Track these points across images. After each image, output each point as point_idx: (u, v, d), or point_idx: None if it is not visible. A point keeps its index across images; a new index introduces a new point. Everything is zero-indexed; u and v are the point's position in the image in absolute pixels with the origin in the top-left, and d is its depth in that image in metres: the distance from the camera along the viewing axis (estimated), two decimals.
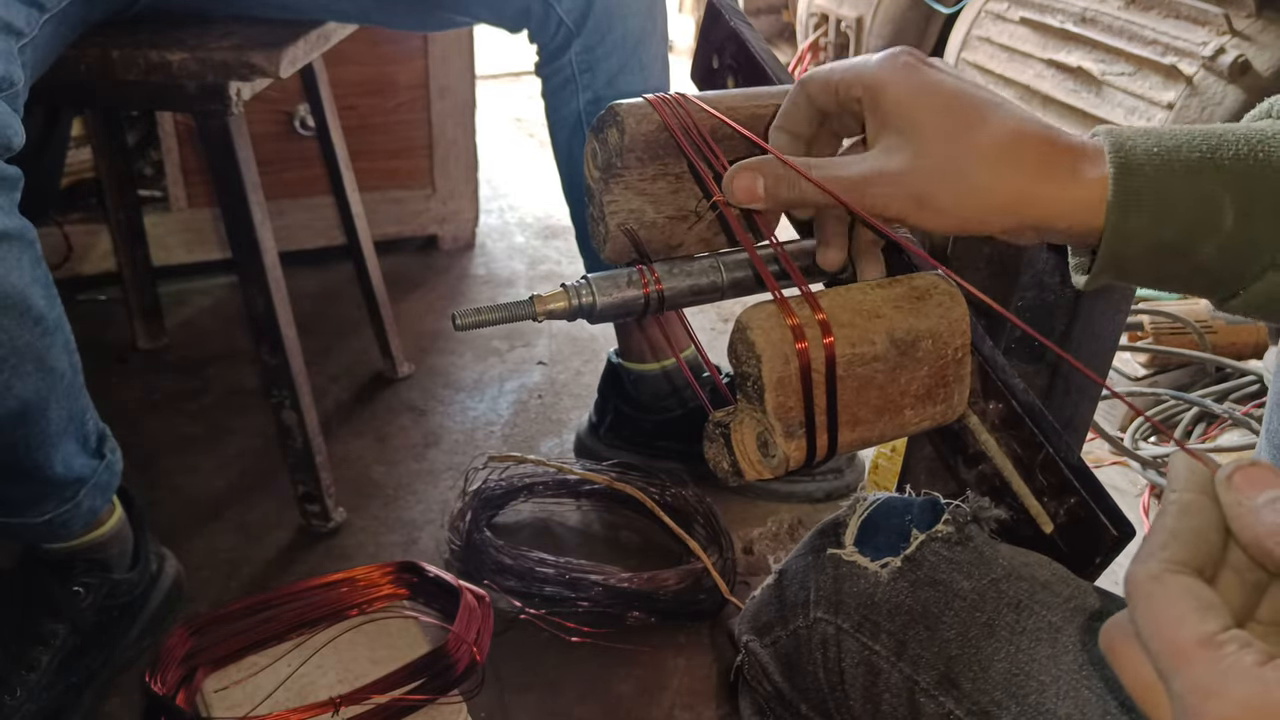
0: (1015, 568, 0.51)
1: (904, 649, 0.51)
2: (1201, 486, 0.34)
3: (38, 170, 1.56)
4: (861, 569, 0.54)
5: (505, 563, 1.12)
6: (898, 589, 0.52)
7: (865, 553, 0.54)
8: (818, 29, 2.46)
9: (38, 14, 0.85)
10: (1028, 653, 0.48)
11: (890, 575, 0.53)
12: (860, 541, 0.55)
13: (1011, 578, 0.50)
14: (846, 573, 0.54)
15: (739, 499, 1.30)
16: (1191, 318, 1.43)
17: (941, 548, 0.52)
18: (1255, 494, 0.32)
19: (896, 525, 0.54)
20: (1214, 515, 0.33)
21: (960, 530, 0.52)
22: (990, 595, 0.50)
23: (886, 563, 0.53)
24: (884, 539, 0.54)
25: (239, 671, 0.95)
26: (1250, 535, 0.32)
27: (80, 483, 0.93)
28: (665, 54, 1.19)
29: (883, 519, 0.55)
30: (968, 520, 0.53)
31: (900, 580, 0.52)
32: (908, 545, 0.53)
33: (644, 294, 0.52)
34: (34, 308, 0.80)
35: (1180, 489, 0.34)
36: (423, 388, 1.54)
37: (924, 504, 0.55)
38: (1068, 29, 1.89)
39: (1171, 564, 0.32)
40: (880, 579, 0.53)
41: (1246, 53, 1.62)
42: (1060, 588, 0.49)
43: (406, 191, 1.87)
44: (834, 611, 0.54)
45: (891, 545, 0.54)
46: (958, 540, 0.52)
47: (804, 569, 0.57)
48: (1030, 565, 0.51)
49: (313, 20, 1.15)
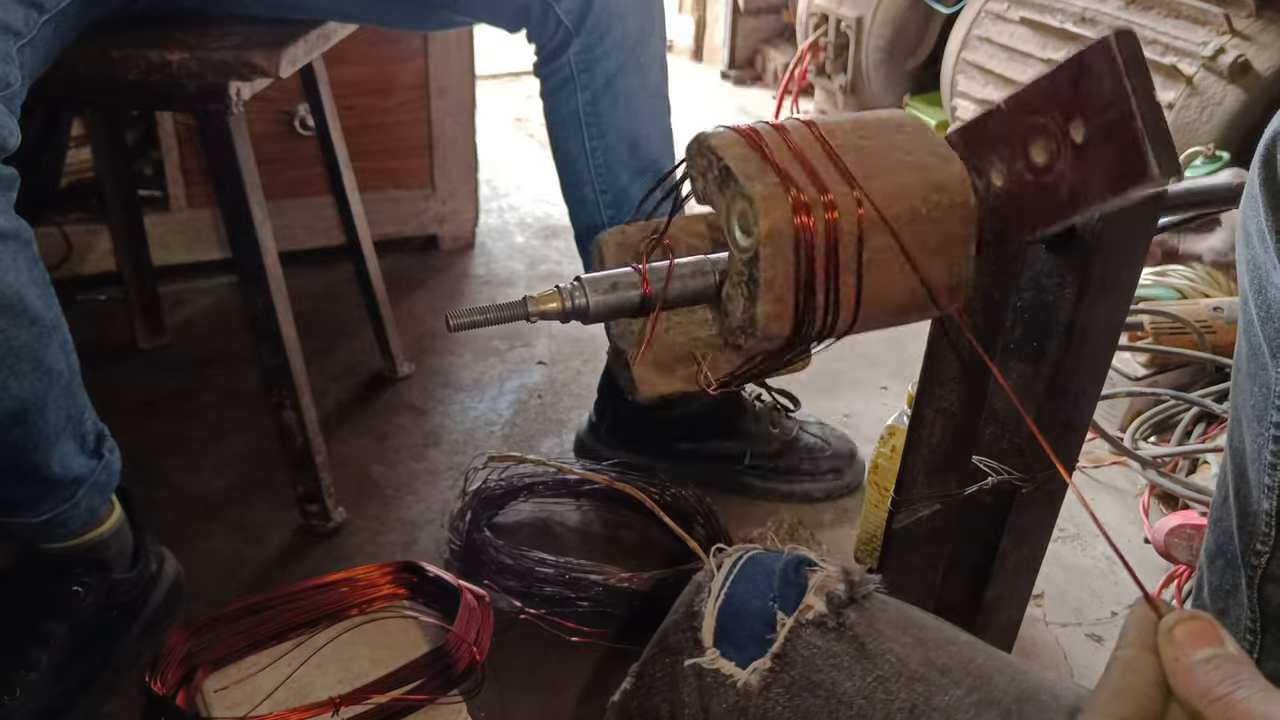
0: (904, 660, 0.45)
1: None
2: (1146, 641, 0.35)
3: (37, 170, 1.56)
4: (727, 679, 0.47)
5: (505, 563, 1.12)
6: (771, 699, 0.46)
7: (728, 653, 0.47)
8: (818, 29, 2.46)
9: (36, 14, 0.85)
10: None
11: (761, 681, 0.46)
12: (721, 637, 0.48)
13: (902, 676, 0.45)
14: (711, 684, 0.47)
15: (739, 499, 1.30)
16: (1191, 318, 1.43)
17: (815, 637, 0.46)
18: (1194, 651, 0.33)
19: (759, 608, 0.48)
20: (1156, 670, 0.34)
21: (836, 614, 0.46)
22: (879, 699, 0.44)
23: (754, 667, 0.46)
24: (747, 628, 0.48)
25: (239, 671, 0.95)
26: (1184, 693, 0.33)
27: (78, 483, 0.93)
28: (664, 54, 1.19)
29: (743, 600, 0.49)
30: (843, 604, 0.47)
31: (773, 687, 0.46)
32: (774, 636, 0.46)
33: (639, 294, 0.52)
34: (30, 308, 0.80)
35: (1126, 644, 0.35)
36: (423, 388, 1.54)
37: (786, 572, 0.48)
38: (1068, 29, 1.89)
39: (1112, 719, 0.33)
40: (750, 688, 0.46)
41: (1246, 53, 1.62)
42: (961, 677, 0.44)
43: (406, 191, 1.87)
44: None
45: (757, 636, 0.47)
46: (832, 626, 0.46)
47: (666, 676, 0.50)
48: (925, 645, 0.46)
49: (313, 20, 1.15)
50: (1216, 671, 0.33)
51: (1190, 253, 1.56)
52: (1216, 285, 1.55)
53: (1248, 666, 0.33)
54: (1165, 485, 1.28)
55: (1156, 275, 1.58)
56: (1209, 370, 1.46)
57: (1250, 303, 0.58)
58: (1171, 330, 1.45)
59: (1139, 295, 1.53)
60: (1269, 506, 0.59)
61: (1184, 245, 1.55)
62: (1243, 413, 0.60)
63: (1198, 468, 1.35)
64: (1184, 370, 1.46)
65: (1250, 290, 0.58)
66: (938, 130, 0.52)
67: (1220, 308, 1.45)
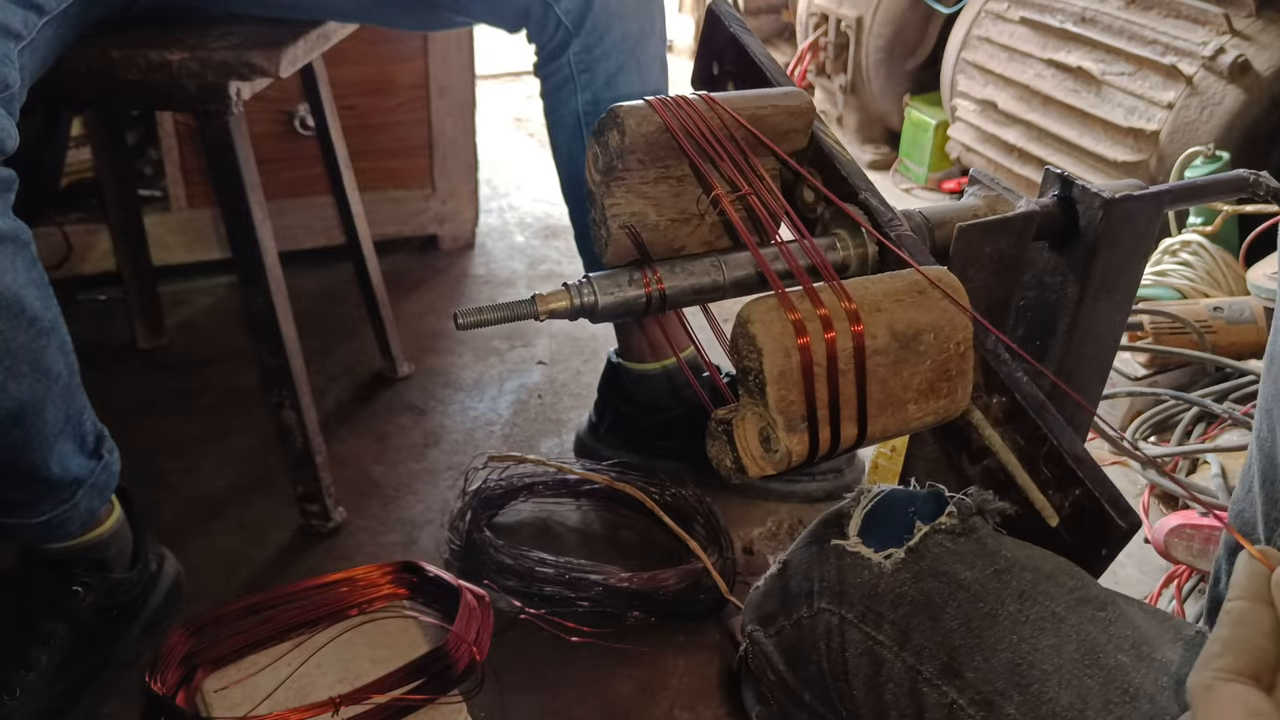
0: (1018, 559, 0.51)
1: (907, 639, 0.52)
2: (1258, 592, 0.34)
3: (37, 170, 1.56)
4: (865, 560, 0.54)
5: (505, 562, 1.12)
6: (901, 580, 0.53)
7: (869, 544, 0.55)
8: (818, 29, 2.46)
9: (36, 16, 0.85)
10: (1030, 642, 0.48)
11: (894, 566, 0.53)
12: (864, 533, 0.55)
13: (1014, 569, 0.51)
14: (850, 563, 0.55)
15: (739, 499, 1.30)
16: (1191, 318, 1.43)
17: (945, 539, 0.53)
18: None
19: (900, 517, 0.55)
20: (1270, 622, 0.34)
21: (964, 522, 0.53)
22: (993, 586, 0.50)
23: (890, 554, 0.53)
24: (887, 530, 0.55)
25: (239, 671, 0.95)
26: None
27: (78, 483, 0.93)
28: (664, 54, 1.19)
29: (886, 511, 0.56)
30: (972, 513, 0.53)
31: (904, 571, 0.53)
32: (911, 537, 0.53)
33: (645, 293, 0.52)
34: (28, 309, 0.80)
35: (1237, 595, 0.35)
36: (423, 387, 1.54)
37: (928, 496, 0.55)
38: (1068, 29, 1.89)
39: (1223, 673, 0.32)
40: (884, 569, 0.53)
41: (1246, 53, 1.62)
42: (1064, 579, 0.50)
43: (406, 191, 1.87)
44: (838, 602, 0.55)
45: (895, 537, 0.54)
46: (961, 532, 0.53)
47: (808, 560, 0.58)
48: (1034, 557, 0.51)
49: (313, 20, 1.15)
50: None
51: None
52: (1216, 285, 1.55)
53: None
54: (1165, 485, 1.28)
55: (1156, 275, 1.58)
56: (1209, 370, 1.46)
57: None
58: (1171, 330, 1.45)
59: (1139, 295, 1.53)
60: None
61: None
62: (1274, 404, 0.61)
63: (1198, 468, 1.35)
64: (1184, 370, 1.46)
65: None
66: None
67: (1220, 308, 1.45)
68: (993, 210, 0.63)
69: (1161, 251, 1.62)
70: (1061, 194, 0.63)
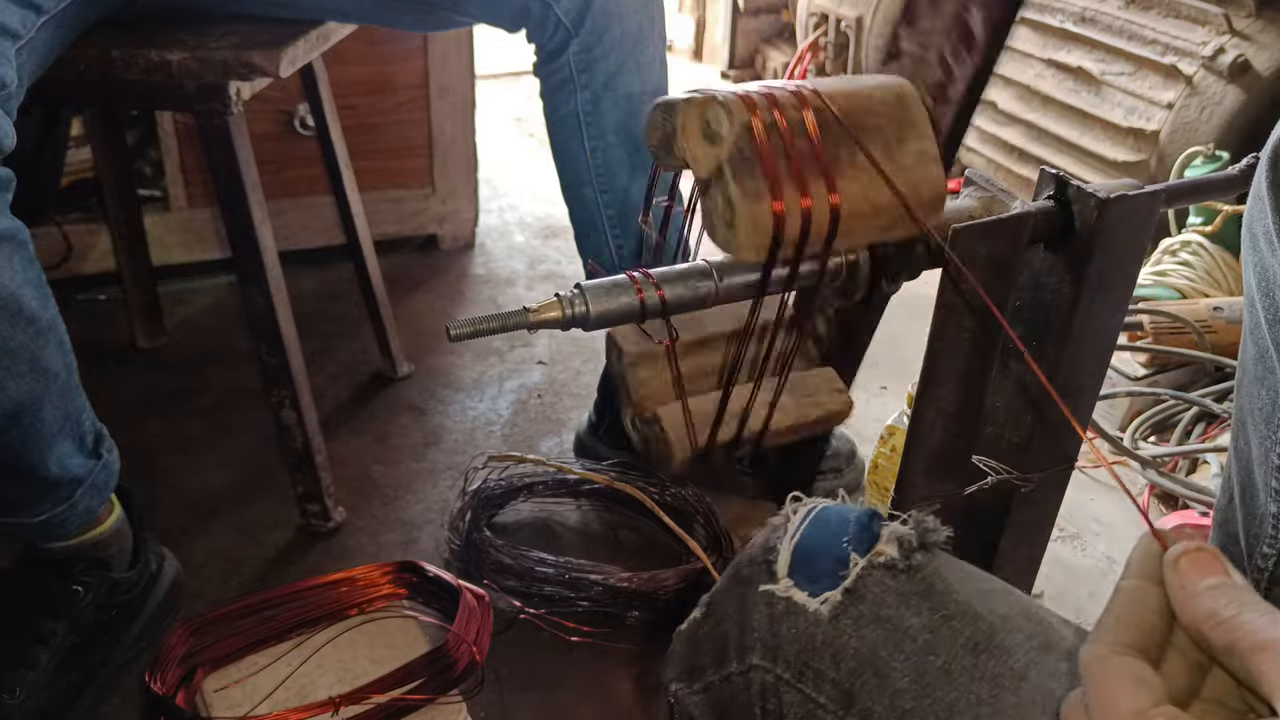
0: (970, 602, 0.47)
1: (852, 701, 0.46)
2: (1151, 572, 0.36)
3: (37, 170, 1.56)
4: (798, 606, 0.48)
5: (505, 562, 1.12)
6: (840, 628, 0.47)
7: (801, 584, 0.49)
8: (817, 29, 2.46)
9: (34, 16, 0.85)
10: (990, 704, 0.44)
11: (831, 611, 0.47)
12: (795, 570, 0.49)
13: (966, 615, 0.46)
14: (782, 611, 0.49)
15: (739, 499, 1.30)
16: (1191, 318, 1.43)
17: (885, 577, 0.48)
18: (1198, 578, 0.34)
19: (833, 549, 0.49)
20: (1159, 600, 0.35)
21: (906, 557, 0.48)
22: (944, 634, 0.46)
23: (825, 598, 0.48)
24: (820, 565, 0.49)
25: (239, 671, 0.95)
26: (1189, 619, 0.34)
27: (76, 483, 0.93)
28: (664, 54, 1.19)
29: (818, 542, 0.50)
30: (914, 549, 0.48)
31: (842, 618, 0.47)
32: (847, 573, 0.48)
33: (637, 301, 0.52)
34: (26, 308, 0.80)
35: (1131, 574, 0.36)
36: (423, 387, 1.54)
37: (861, 519, 0.50)
38: (1068, 29, 1.89)
39: (1116, 646, 0.34)
40: (820, 617, 0.47)
41: (1246, 53, 1.62)
42: (1021, 623, 0.46)
43: (406, 191, 1.87)
44: (771, 657, 0.49)
45: (829, 573, 0.48)
46: (903, 568, 0.48)
47: (735, 603, 0.52)
48: (987, 594, 0.47)
49: (312, 20, 1.15)
50: (1222, 597, 0.33)
51: None
52: (1216, 285, 1.55)
53: (1251, 592, 0.33)
54: (1165, 485, 1.28)
55: (1156, 275, 1.58)
56: (1209, 370, 1.46)
57: (1258, 305, 0.58)
58: (1171, 330, 1.45)
59: (1139, 295, 1.53)
60: (1276, 510, 0.59)
61: None
62: (1248, 415, 0.60)
63: (1197, 467, 1.35)
64: (1184, 370, 1.46)
65: (1258, 293, 0.58)
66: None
67: (1220, 308, 1.45)
68: (988, 211, 0.63)
69: (1161, 251, 1.62)
70: (1057, 194, 0.63)
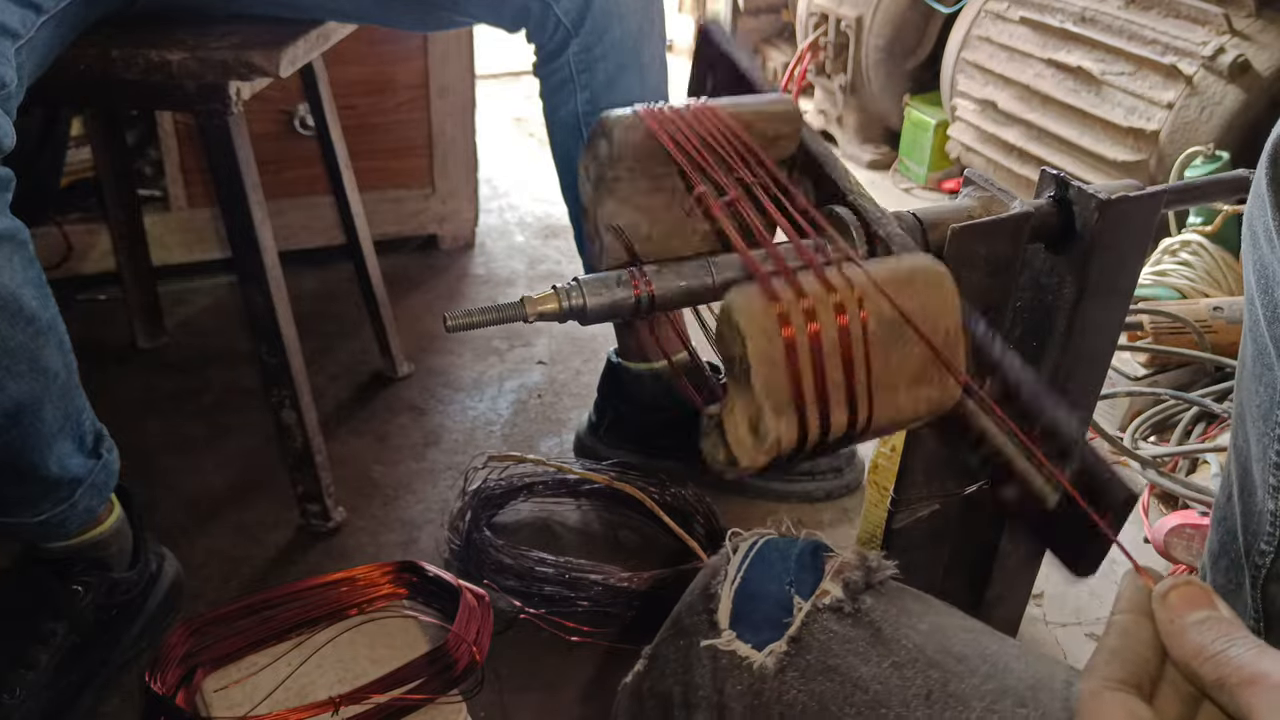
0: (920, 647, 0.45)
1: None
2: (1141, 607, 0.36)
3: (37, 170, 1.56)
4: (742, 661, 0.46)
5: (505, 562, 1.12)
6: (787, 682, 0.45)
7: (744, 635, 0.47)
8: (817, 29, 2.46)
9: (34, 15, 0.85)
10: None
11: (776, 664, 0.46)
12: (737, 618, 0.48)
13: (918, 662, 0.44)
14: (726, 666, 0.47)
15: (739, 499, 1.30)
16: (1191, 317, 1.43)
17: (831, 621, 0.46)
18: (1187, 613, 0.35)
19: (775, 592, 0.48)
20: (1151, 634, 0.36)
21: (853, 599, 0.46)
22: (895, 684, 0.44)
23: (770, 649, 0.46)
24: (763, 610, 0.47)
25: (239, 671, 0.95)
26: (1178, 654, 0.34)
27: (76, 483, 0.93)
28: (663, 54, 1.19)
29: (759, 584, 0.49)
30: (860, 589, 0.46)
31: (789, 670, 0.45)
32: (791, 620, 0.46)
33: (634, 295, 0.52)
34: (26, 308, 0.80)
35: (1122, 610, 0.36)
36: (422, 387, 1.54)
37: (803, 557, 0.48)
38: (1067, 28, 1.89)
39: (1109, 681, 0.34)
40: (766, 671, 0.46)
41: (1246, 52, 1.62)
42: (976, 663, 0.44)
43: (406, 191, 1.87)
44: (718, 716, 0.47)
45: (773, 620, 0.47)
46: (849, 611, 0.46)
47: (677, 658, 0.50)
48: (940, 633, 0.45)
49: (312, 20, 1.15)
50: (1210, 631, 0.34)
51: None
52: (1216, 285, 1.55)
53: (1239, 627, 0.34)
54: (1165, 485, 1.28)
55: (1156, 275, 1.58)
56: (1209, 370, 1.46)
57: (1257, 303, 0.58)
58: (1171, 330, 1.45)
59: (1139, 295, 1.53)
60: (1274, 506, 0.59)
61: None
62: (1247, 412, 0.60)
63: (1197, 467, 1.35)
64: (1184, 370, 1.46)
65: (1257, 291, 0.58)
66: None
67: (1220, 307, 1.45)
68: (987, 211, 0.63)
69: (1161, 251, 1.62)
70: (1057, 195, 0.63)
